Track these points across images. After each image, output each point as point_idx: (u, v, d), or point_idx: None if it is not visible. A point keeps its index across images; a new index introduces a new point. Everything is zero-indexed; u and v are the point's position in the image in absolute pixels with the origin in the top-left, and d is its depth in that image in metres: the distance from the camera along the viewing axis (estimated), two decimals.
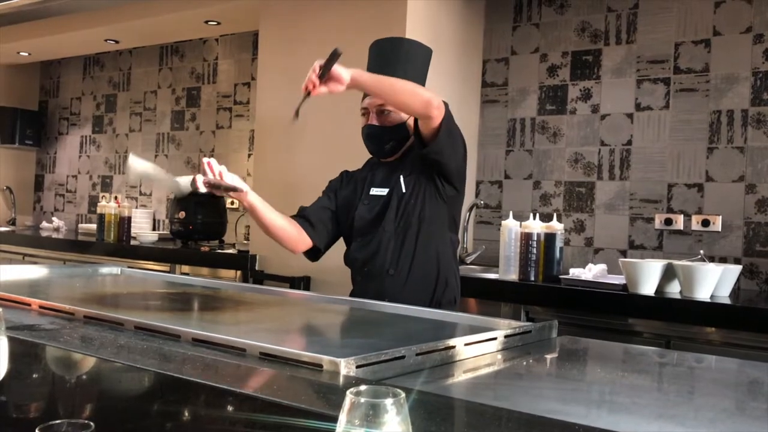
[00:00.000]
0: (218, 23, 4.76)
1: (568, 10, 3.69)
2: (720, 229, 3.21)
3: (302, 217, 2.34)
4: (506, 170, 3.84)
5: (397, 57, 2.22)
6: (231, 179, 2.14)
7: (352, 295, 2.28)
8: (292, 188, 3.70)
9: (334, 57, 1.94)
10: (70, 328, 1.47)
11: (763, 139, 3.15)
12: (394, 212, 2.22)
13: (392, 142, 2.25)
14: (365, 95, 2.27)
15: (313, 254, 2.38)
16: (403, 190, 2.22)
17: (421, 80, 2.28)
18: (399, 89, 2.04)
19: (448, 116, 2.11)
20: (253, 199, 2.17)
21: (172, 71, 5.42)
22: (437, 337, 1.43)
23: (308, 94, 2.06)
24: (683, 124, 3.33)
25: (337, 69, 1.96)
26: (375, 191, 2.28)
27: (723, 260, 3.17)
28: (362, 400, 0.74)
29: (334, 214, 2.37)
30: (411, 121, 2.24)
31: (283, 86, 3.88)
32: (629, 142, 3.47)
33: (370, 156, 2.39)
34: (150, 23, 4.84)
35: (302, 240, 2.31)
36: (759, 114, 3.16)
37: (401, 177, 2.24)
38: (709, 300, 2.62)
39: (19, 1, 4.50)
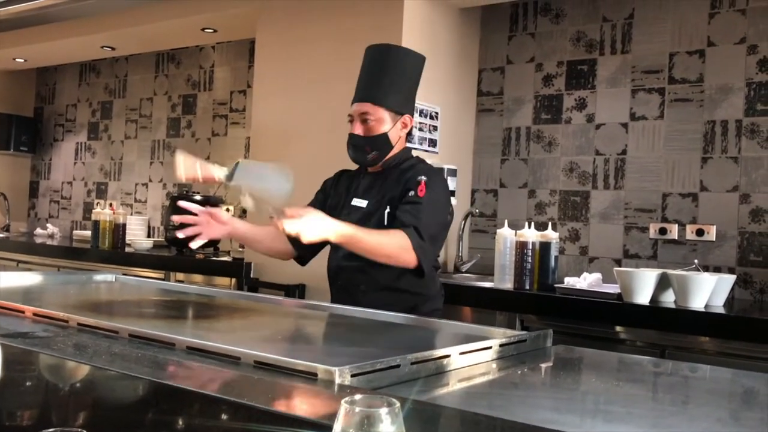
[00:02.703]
0: (215, 31, 4.76)
1: (563, 20, 3.70)
2: (714, 239, 3.22)
3: None
4: (501, 179, 3.85)
5: (387, 64, 2.22)
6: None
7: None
8: None
9: None
10: (64, 335, 1.47)
11: (757, 150, 3.16)
12: (374, 228, 2.18)
13: (374, 152, 2.23)
14: (353, 100, 2.26)
15: (300, 260, 2.42)
16: (388, 210, 2.20)
17: (413, 88, 2.29)
18: (376, 248, 2.02)
19: (423, 256, 2.08)
20: (239, 229, 2.23)
21: (168, 78, 5.42)
22: (432, 346, 1.43)
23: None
24: (678, 133, 3.35)
25: (315, 223, 1.92)
26: (356, 202, 2.27)
27: (717, 270, 3.18)
28: (357, 409, 0.74)
29: None
30: (393, 135, 2.23)
31: (279, 94, 3.88)
32: (624, 152, 3.48)
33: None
34: (146, 30, 4.84)
35: (290, 251, 2.37)
36: (753, 124, 3.18)
37: (385, 197, 2.21)
38: (703, 309, 2.62)
39: (15, 8, 4.50)
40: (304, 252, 2.38)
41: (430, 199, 2.15)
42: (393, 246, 2.03)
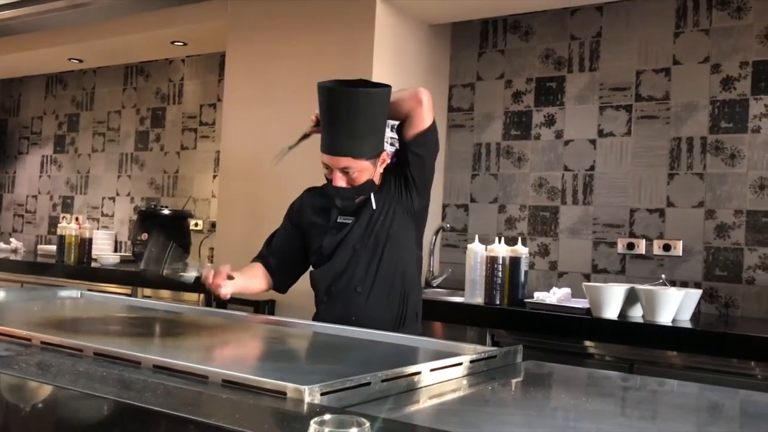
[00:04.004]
0: (184, 44, 4.73)
1: (532, 37, 3.75)
2: (681, 254, 3.26)
3: (266, 262, 2.40)
4: (472, 194, 3.87)
5: (358, 111, 2.13)
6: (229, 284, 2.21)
7: (315, 318, 2.28)
8: (257, 210, 3.68)
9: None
10: (27, 354, 1.43)
11: (722, 166, 3.23)
12: (363, 229, 2.23)
13: (362, 196, 2.23)
14: (324, 148, 2.19)
15: (279, 290, 2.45)
16: (374, 207, 2.22)
17: (384, 124, 2.25)
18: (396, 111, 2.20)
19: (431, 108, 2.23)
20: (233, 287, 2.23)
21: (137, 91, 5.37)
22: (403, 363, 1.42)
23: (304, 136, 2.24)
24: (645, 150, 3.40)
25: None
26: (342, 219, 2.27)
27: (684, 284, 3.23)
28: (326, 430, 0.73)
29: (299, 248, 2.37)
30: (376, 176, 2.24)
31: (249, 107, 3.87)
32: (592, 168, 3.52)
33: None
34: (115, 43, 4.80)
35: (270, 283, 2.41)
36: (717, 141, 3.24)
37: (372, 194, 2.23)
38: (670, 324, 2.65)
39: None
40: (283, 282, 2.41)
41: None
42: (404, 98, 2.22)
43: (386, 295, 2.24)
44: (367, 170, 2.19)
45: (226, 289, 2.18)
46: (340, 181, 2.19)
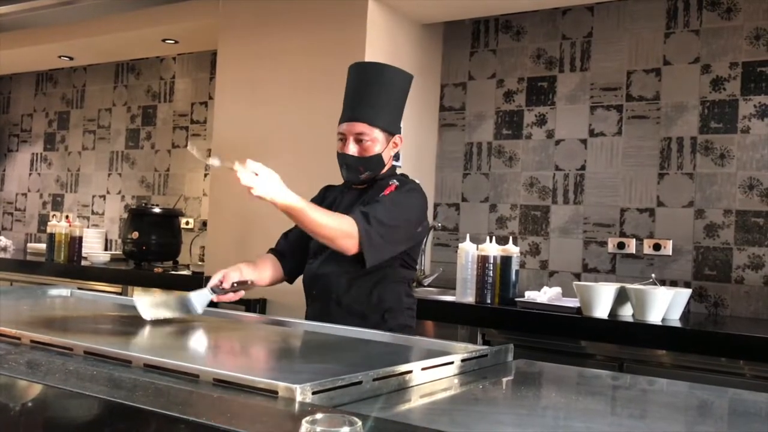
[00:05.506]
0: (176, 42, 4.72)
1: (524, 37, 3.76)
2: (671, 253, 3.28)
3: (277, 250, 2.39)
4: (463, 193, 3.88)
5: (380, 84, 2.24)
6: (236, 277, 2.17)
7: (306, 317, 2.28)
8: (248, 208, 3.66)
9: None
10: (16, 353, 1.43)
11: (711, 166, 3.24)
12: None
13: (368, 172, 2.26)
14: (343, 119, 2.26)
15: (289, 278, 2.42)
16: None
17: (402, 108, 2.32)
18: (318, 226, 2.01)
19: (368, 242, 2.05)
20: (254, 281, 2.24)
21: (128, 89, 5.34)
22: (394, 362, 1.43)
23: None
24: (635, 150, 3.42)
25: (269, 186, 2.00)
26: None
27: (673, 284, 3.24)
28: (318, 429, 0.73)
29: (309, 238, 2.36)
30: (385, 155, 2.26)
31: (241, 106, 3.86)
32: (583, 167, 3.54)
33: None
34: (106, 40, 4.77)
35: (281, 273, 2.38)
36: (707, 141, 3.26)
37: None
38: (660, 323, 2.67)
39: None
40: (289, 267, 2.37)
41: (392, 199, 2.17)
42: (335, 229, 2.03)
43: (366, 309, 2.21)
44: (378, 142, 2.23)
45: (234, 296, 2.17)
46: (351, 149, 2.23)
